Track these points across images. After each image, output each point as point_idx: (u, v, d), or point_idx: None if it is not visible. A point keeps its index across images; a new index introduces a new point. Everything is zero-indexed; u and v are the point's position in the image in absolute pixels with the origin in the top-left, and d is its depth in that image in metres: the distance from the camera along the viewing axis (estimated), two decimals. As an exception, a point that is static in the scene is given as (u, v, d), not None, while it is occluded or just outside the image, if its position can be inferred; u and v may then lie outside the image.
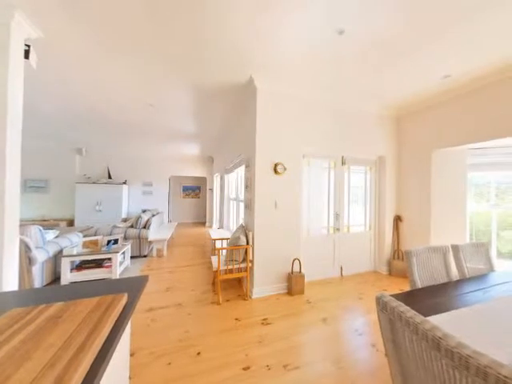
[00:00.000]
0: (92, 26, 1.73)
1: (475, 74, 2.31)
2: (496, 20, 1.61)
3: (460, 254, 1.67)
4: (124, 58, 2.13)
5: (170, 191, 8.37)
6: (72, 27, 1.74)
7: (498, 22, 1.62)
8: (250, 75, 2.40)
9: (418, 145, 3.13)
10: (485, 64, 2.14)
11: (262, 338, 1.80)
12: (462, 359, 0.52)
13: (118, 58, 2.13)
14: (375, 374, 1.45)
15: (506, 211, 2.78)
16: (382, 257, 3.34)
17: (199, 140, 5.38)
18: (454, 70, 2.26)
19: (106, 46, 1.95)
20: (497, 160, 2.72)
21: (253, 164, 2.60)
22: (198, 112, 3.53)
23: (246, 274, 2.48)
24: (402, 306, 0.70)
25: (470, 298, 1.18)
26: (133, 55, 2.08)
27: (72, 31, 1.79)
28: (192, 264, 3.67)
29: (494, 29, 1.69)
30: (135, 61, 2.17)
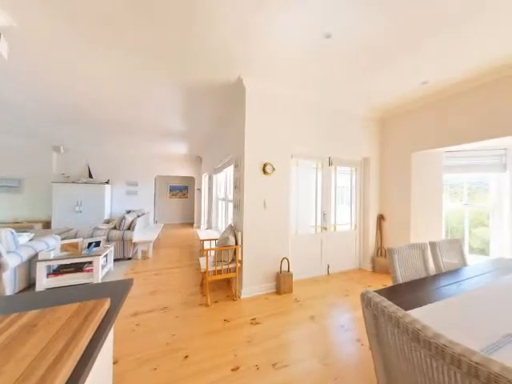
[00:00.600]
0: (70, 16, 1.63)
1: (451, 81, 2.47)
2: (469, 32, 1.73)
3: (437, 250, 1.78)
4: (106, 51, 2.03)
5: (156, 191, 8.13)
6: (49, 17, 1.64)
7: (471, 34, 1.74)
8: (238, 75, 2.40)
9: (400, 147, 3.29)
10: (460, 72, 2.29)
11: (250, 337, 1.80)
12: (439, 349, 0.55)
13: (98, 50, 2.03)
14: (360, 368, 1.51)
15: (476, 209, 3.00)
16: (367, 254, 3.48)
17: (187, 139, 5.28)
18: (431, 77, 2.40)
19: (86, 37, 1.86)
20: (469, 162, 2.93)
21: (242, 164, 2.59)
22: (186, 110, 3.46)
23: (235, 274, 2.47)
24: (385, 301, 0.73)
25: (445, 291, 1.26)
26: (115, 48, 2.00)
27: (49, 21, 1.68)
28: (179, 266, 3.59)
29: (468, 40, 1.82)
30: (118, 54, 2.08)
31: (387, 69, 2.25)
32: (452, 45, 1.88)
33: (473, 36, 1.77)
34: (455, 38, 1.80)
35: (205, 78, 2.47)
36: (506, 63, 2.12)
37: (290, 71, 2.33)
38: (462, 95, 2.57)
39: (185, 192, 8.84)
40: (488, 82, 2.34)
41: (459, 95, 2.59)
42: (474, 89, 2.46)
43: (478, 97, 2.44)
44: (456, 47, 1.91)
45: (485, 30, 1.71)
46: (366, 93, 2.80)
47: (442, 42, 1.84)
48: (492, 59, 2.07)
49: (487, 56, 2.02)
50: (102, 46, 1.96)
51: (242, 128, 2.61)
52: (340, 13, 1.56)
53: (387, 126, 3.51)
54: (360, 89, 2.69)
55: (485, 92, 2.38)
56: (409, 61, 2.11)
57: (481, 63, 2.13)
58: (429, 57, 2.04)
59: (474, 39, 1.81)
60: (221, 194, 4.80)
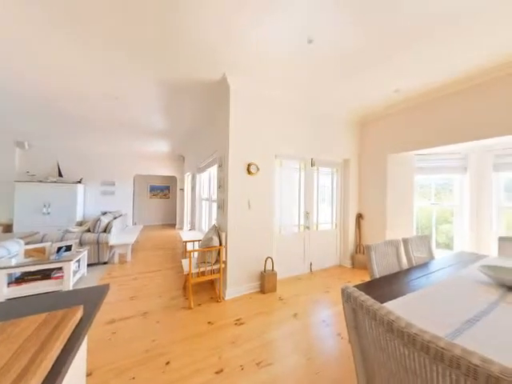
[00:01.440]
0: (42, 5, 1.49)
1: (420, 90, 2.68)
2: (437, 46, 1.89)
3: (409, 245, 1.92)
4: (80, 42, 1.89)
5: (136, 191, 7.75)
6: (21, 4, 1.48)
7: (439, 47, 1.90)
8: (223, 73, 2.37)
9: (376, 149, 3.49)
10: (428, 82, 2.50)
11: (235, 338, 1.79)
12: (410, 337, 0.59)
13: (72, 40, 1.88)
14: (340, 360, 1.57)
15: (442, 208, 3.29)
16: (347, 251, 3.64)
17: (169, 137, 5.10)
18: (403, 86, 2.59)
19: (57, 26, 1.71)
20: (436, 165, 3.20)
21: (226, 164, 2.57)
22: (168, 108, 3.34)
23: (219, 275, 2.44)
24: (363, 295, 0.77)
25: (416, 284, 1.37)
26: (92, 41, 1.86)
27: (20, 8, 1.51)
28: (160, 269, 3.46)
29: (436, 52, 1.98)
30: (94, 46, 1.95)
31: (364, 76, 2.38)
32: (422, 57, 2.04)
33: (440, 50, 1.94)
34: (425, 51, 1.95)
35: (187, 75, 2.40)
36: (466, 76, 2.35)
37: (274, 72, 2.36)
38: (428, 103, 2.80)
39: (166, 192, 8.53)
40: (451, 93, 2.58)
41: (427, 103, 2.82)
42: (439, 98, 2.69)
43: (441, 105, 2.68)
44: (426, 59, 2.07)
45: (449, 46, 1.88)
46: (346, 98, 2.93)
47: (413, 53, 1.98)
48: (454, 72, 2.28)
49: (451, 69, 2.23)
50: (76, 38, 1.82)
51: (226, 127, 2.58)
52: (321, 19, 1.61)
53: (365, 129, 3.70)
54: (340, 94, 2.81)
55: (447, 101, 2.62)
56: (383, 70, 2.25)
57: (445, 75, 2.34)
58: (401, 67, 2.20)
59: (442, 53, 1.98)
60: (204, 193, 4.71)
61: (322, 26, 1.68)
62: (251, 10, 1.54)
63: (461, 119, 2.52)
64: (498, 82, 2.24)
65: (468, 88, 2.45)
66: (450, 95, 2.60)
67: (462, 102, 2.51)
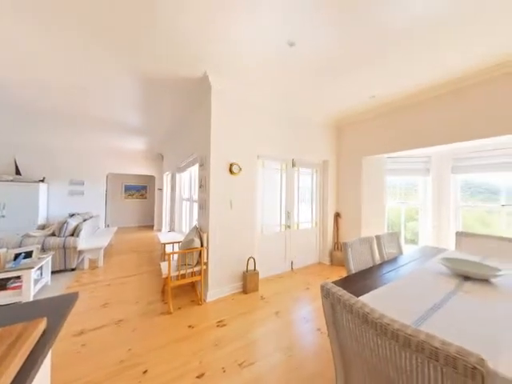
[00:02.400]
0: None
1: (394, 97, 2.90)
2: (410, 55, 2.05)
3: (381, 242, 2.07)
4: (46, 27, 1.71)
5: (109, 191, 7.23)
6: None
7: (412, 56, 2.07)
8: (204, 71, 2.32)
9: (352, 152, 3.70)
10: (401, 89, 2.70)
11: (217, 341, 1.77)
12: (382, 327, 0.64)
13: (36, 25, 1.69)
14: (319, 354, 1.63)
15: (409, 207, 3.59)
16: (325, 249, 3.79)
17: (147, 135, 4.84)
18: (378, 92, 2.77)
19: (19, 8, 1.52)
20: (404, 167, 3.49)
21: (207, 163, 2.52)
22: (145, 103, 3.17)
23: (200, 277, 2.38)
24: (341, 290, 0.81)
25: (387, 277, 1.48)
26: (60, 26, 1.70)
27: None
28: (136, 273, 3.27)
29: (410, 61, 2.14)
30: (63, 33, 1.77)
31: (342, 82, 2.50)
32: (396, 65, 2.20)
33: (410, 61, 2.11)
34: (398, 60, 2.11)
35: (167, 70, 2.31)
36: (430, 87, 2.60)
37: (256, 74, 2.37)
38: (399, 110, 3.04)
39: (143, 192, 8.10)
40: (417, 102, 2.83)
41: (397, 110, 3.06)
42: (408, 106, 2.94)
43: (410, 113, 2.93)
44: (399, 68, 2.24)
45: (417, 58, 2.06)
46: (324, 102, 3.05)
47: (388, 61, 2.13)
48: (420, 83, 2.50)
49: (417, 80, 2.44)
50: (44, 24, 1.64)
51: (207, 126, 2.53)
52: (302, 24, 1.66)
53: (343, 132, 3.90)
54: (319, 97, 2.92)
55: (415, 109, 2.87)
56: (360, 76, 2.39)
57: (413, 86, 2.56)
58: (377, 74, 2.35)
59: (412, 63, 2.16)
60: (185, 194, 4.56)
61: (303, 30, 1.73)
62: (231, 10, 1.53)
63: (425, 126, 2.78)
64: (455, 96, 2.51)
65: (431, 98, 2.70)
66: (416, 104, 2.85)
67: (427, 111, 2.76)
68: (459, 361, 0.51)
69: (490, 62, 2.09)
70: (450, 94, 2.54)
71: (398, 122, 3.06)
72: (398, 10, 1.52)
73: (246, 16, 1.59)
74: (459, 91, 2.47)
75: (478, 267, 1.49)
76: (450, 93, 2.54)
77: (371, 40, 1.82)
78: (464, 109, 2.44)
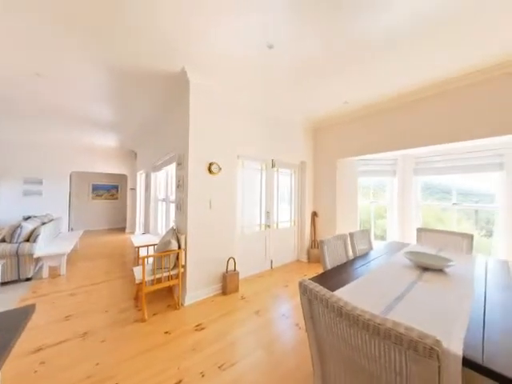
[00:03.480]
0: None
1: (365, 103, 3.10)
2: (380, 65, 2.22)
3: (354, 239, 2.21)
4: None
5: (73, 191, 6.59)
6: None
7: (386, 64, 2.23)
8: (182, 66, 2.24)
9: (328, 154, 3.88)
10: (371, 97, 2.90)
11: (195, 345, 1.72)
12: (355, 318, 0.68)
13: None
14: (298, 348, 1.69)
15: (378, 206, 3.89)
16: (303, 247, 3.93)
17: (118, 130, 4.51)
18: (351, 98, 2.95)
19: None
20: (373, 169, 3.77)
21: (186, 162, 2.43)
22: (117, 97, 2.95)
23: (178, 280, 2.29)
24: (318, 286, 0.85)
25: (359, 271, 1.58)
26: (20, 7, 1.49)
27: None
28: (106, 280, 3.03)
29: (383, 69, 2.31)
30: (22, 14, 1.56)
31: (318, 86, 2.61)
32: (367, 74, 2.36)
33: (381, 70, 2.28)
34: (369, 70, 2.27)
35: (141, 63, 2.18)
36: (398, 95, 2.84)
37: (236, 73, 2.36)
38: (369, 116, 3.28)
39: (114, 192, 7.53)
40: (385, 108, 3.08)
41: (368, 116, 3.29)
42: (376, 112, 3.18)
43: (378, 119, 3.17)
44: (370, 77, 2.41)
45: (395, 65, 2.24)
46: (302, 104, 3.16)
47: (360, 70, 2.28)
48: (390, 91, 2.73)
49: (389, 87, 2.66)
50: None
51: (186, 124, 2.45)
52: (281, 28, 1.69)
53: (319, 134, 4.07)
54: (297, 100, 3.01)
55: (383, 116, 3.12)
56: (335, 82, 2.52)
57: (385, 92, 2.78)
58: (350, 81, 2.50)
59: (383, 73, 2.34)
60: (161, 194, 4.35)
61: (281, 34, 1.77)
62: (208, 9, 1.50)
63: (393, 131, 3.03)
64: (418, 104, 2.78)
65: (398, 106, 2.96)
66: (385, 110, 3.10)
67: (393, 117, 3.02)
68: (420, 344, 0.57)
69: (453, 74, 2.34)
70: (414, 102, 2.81)
71: (369, 127, 3.30)
72: (372, 22, 1.64)
73: (226, 16, 1.57)
74: (422, 100, 2.75)
75: (435, 259, 1.67)
76: (413, 102, 2.81)
77: (344, 48, 1.93)
78: (426, 116, 2.73)
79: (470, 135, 2.39)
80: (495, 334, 0.88)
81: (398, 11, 1.53)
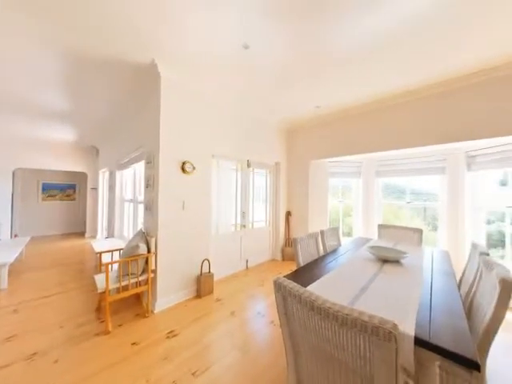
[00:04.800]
0: None
1: (335, 108, 3.31)
2: (355, 70, 2.38)
3: (324, 236, 2.34)
4: None
5: (17, 191, 5.68)
6: None
7: (357, 71, 2.39)
8: (152, 59, 2.10)
9: (301, 155, 4.05)
10: (341, 103, 3.11)
11: (167, 353, 1.63)
12: (325, 311, 0.72)
13: None
14: (273, 345, 1.72)
15: (346, 205, 4.20)
16: (278, 246, 4.02)
17: (76, 123, 4.02)
18: (322, 103, 3.12)
19: None
20: (341, 170, 4.05)
21: (156, 160, 2.29)
22: (74, 84, 2.62)
23: (147, 286, 2.14)
24: (291, 283, 0.88)
25: (329, 267, 1.68)
26: None
27: None
28: (59, 292, 2.68)
29: (355, 76, 2.47)
30: None
31: (291, 90, 2.70)
32: (338, 81, 2.52)
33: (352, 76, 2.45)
34: (340, 77, 2.43)
35: (105, 50, 1.98)
36: (363, 103, 3.10)
37: (212, 71, 2.30)
38: (338, 121, 3.51)
39: (70, 192, 6.70)
40: (352, 115, 3.34)
41: (337, 120, 3.53)
42: (344, 118, 3.43)
43: (345, 123, 3.42)
44: (341, 82, 2.56)
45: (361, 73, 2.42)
46: (276, 106, 3.23)
47: (332, 77, 2.42)
48: (363, 97, 2.96)
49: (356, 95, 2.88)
50: None
51: (156, 120, 2.31)
52: (257, 28, 1.71)
53: (293, 136, 4.22)
54: (272, 102, 3.07)
55: (349, 121, 3.38)
56: (307, 87, 2.63)
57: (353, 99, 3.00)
58: (321, 87, 2.64)
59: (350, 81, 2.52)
60: (128, 194, 4.02)
61: (257, 35, 1.78)
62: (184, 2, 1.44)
63: (357, 136, 3.30)
64: (382, 112, 3.08)
65: (363, 113, 3.24)
66: (352, 117, 3.35)
67: (359, 124, 3.29)
68: (380, 329, 0.63)
69: (406, 88, 2.65)
70: (376, 111, 3.10)
71: (338, 132, 3.53)
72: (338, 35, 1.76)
73: (202, 11, 1.52)
74: (383, 110, 3.04)
75: (392, 252, 1.87)
76: (376, 110, 3.10)
77: (316, 56, 2.03)
78: (386, 124, 3.03)
79: (420, 142, 2.73)
80: (439, 314, 1.02)
81: (361, 27, 1.67)
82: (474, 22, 1.62)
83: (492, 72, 2.21)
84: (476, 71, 2.26)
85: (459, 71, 2.27)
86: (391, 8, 1.50)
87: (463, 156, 2.89)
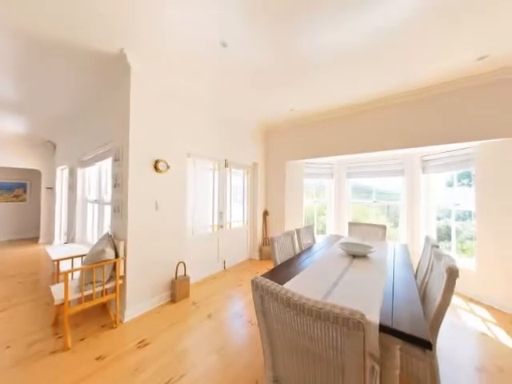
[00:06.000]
0: None
1: (308, 112, 3.45)
2: (326, 78, 2.49)
3: (300, 234, 2.43)
4: None
5: None
6: None
7: (329, 79, 2.50)
8: (121, 48, 1.94)
9: (278, 156, 4.14)
10: (315, 106, 3.24)
11: (138, 365, 1.52)
12: (300, 306, 0.75)
13: None
14: (250, 344, 1.73)
15: (320, 204, 4.41)
16: (255, 245, 4.05)
17: (28, 114, 3.51)
18: (297, 106, 3.23)
19: None
20: (316, 171, 4.24)
21: (125, 158, 2.13)
22: (26, 70, 2.28)
23: (115, 294, 1.98)
24: (268, 281, 0.89)
25: (305, 264, 1.75)
26: None
27: None
28: (5, 308, 2.32)
29: (327, 82, 2.59)
30: None
31: (267, 91, 2.74)
32: (311, 86, 2.62)
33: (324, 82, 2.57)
34: (312, 81, 2.53)
35: (64, 34, 1.76)
36: (336, 108, 3.29)
37: (188, 66, 2.21)
38: (312, 124, 3.68)
39: (20, 192, 5.86)
40: (330, 118, 3.52)
41: (313, 123, 3.69)
42: (319, 121, 3.60)
43: (320, 127, 3.60)
44: (313, 87, 2.68)
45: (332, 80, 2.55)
46: (253, 107, 3.25)
47: (306, 81, 2.51)
48: (335, 102, 3.12)
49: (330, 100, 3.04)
50: None
51: (125, 114, 2.14)
52: (235, 26, 1.70)
53: (270, 137, 4.29)
54: (249, 102, 3.08)
55: (323, 124, 3.56)
56: (283, 90, 2.70)
57: (326, 103, 3.16)
58: (295, 91, 2.73)
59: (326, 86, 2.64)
60: (92, 194, 3.65)
61: (235, 33, 1.77)
62: None
63: (329, 139, 3.49)
64: (352, 117, 3.30)
65: (335, 118, 3.43)
66: (324, 121, 3.54)
67: (331, 127, 3.48)
68: (350, 320, 0.67)
69: (377, 96, 2.88)
70: (348, 116, 3.32)
71: (312, 134, 3.70)
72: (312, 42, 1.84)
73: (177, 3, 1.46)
74: (353, 115, 3.27)
75: (361, 247, 2.02)
76: (348, 116, 3.31)
77: (290, 59, 2.09)
78: (355, 129, 3.26)
79: (386, 147, 3.00)
80: (399, 302, 1.13)
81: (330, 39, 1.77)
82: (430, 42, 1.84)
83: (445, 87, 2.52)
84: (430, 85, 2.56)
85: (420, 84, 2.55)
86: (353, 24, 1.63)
87: (419, 160, 3.26)
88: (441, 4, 1.47)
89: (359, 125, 3.21)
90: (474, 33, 1.74)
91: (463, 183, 2.93)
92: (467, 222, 2.87)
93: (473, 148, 2.59)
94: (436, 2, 1.46)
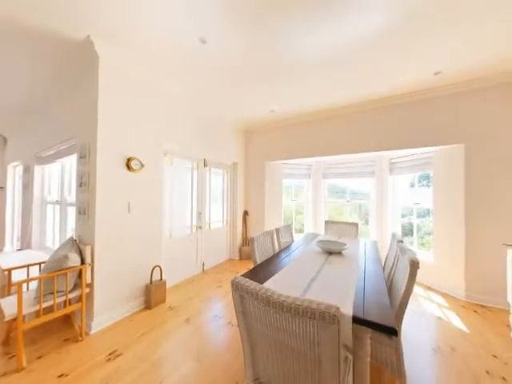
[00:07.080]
0: None
1: (288, 115, 3.53)
2: (303, 82, 2.56)
3: (279, 233, 2.47)
4: None
5: None
6: None
7: (307, 83, 2.57)
8: (87, 35, 1.78)
9: (258, 156, 4.17)
10: (294, 109, 3.33)
11: (107, 379, 1.41)
12: (280, 304, 0.77)
13: None
14: (230, 346, 1.71)
15: (298, 203, 4.55)
16: (235, 246, 4.03)
17: (-34, 100, 3.03)
18: (276, 108, 3.29)
19: None
20: (294, 172, 4.36)
21: (93, 155, 1.95)
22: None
23: (81, 304, 1.80)
24: (248, 281, 0.89)
25: (284, 262, 1.79)
26: None
27: None
28: None
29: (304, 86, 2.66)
30: None
31: (247, 92, 2.75)
32: (290, 88, 2.68)
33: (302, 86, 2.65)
34: (289, 85, 2.60)
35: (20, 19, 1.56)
36: (312, 111, 3.42)
37: (165, 60, 2.11)
38: (293, 126, 3.77)
39: (-41, 192, 5.00)
40: (308, 121, 3.63)
41: (292, 125, 3.78)
42: (300, 123, 3.71)
43: (298, 129, 3.71)
44: (291, 91, 2.75)
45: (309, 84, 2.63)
46: (233, 106, 3.23)
47: (283, 85, 2.57)
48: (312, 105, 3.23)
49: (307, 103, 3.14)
50: None
51: (93, 107, 1.96)
52: (213, 22, 1.67)
53: (250, 137, 4.30)
54: (229, 102, 3.05)
55: (302, 127, 3.68)
56: (262, 91, 2.72)
57: (304, 106, 3.26)
58: (274, 93, 2.78)
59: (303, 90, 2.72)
60: (52, 194, 3.28)
61: (214, 30, 1.74)
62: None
63: (307, 141, 3.62)
64: (328, 121, 3.45)
65: (312, 120, 3.57)
66: (303, 123, 3.66)
67: (308, 130, 3.61)
68: (326, 314, 0.70)
69: (352, 102, 3.05)
70: (324, 119, 3.47)
71: (291, 136, 3.80)
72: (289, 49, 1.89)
73: None
74: (329, 119, 3.43)
75: (336, 244, 2.13)
76: (324, 118, 3.47)
77: (268, 61, 2.12)
78: (331, 132, 3.42)
79: (356, 149, 3.21)
80: (370, 294, 1.21)
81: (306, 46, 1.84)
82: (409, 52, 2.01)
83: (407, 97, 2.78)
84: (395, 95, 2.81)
85: (385, 94, 2.77)
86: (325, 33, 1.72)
87: (387, 162, 3.54)
88: (403, 24, 1.63)
89: (335, 128, 3.39)
90: (430, 52, 1.96)
91: (423, 184, 3.26)
92: (426, 218, 3.20)
93: (433, 152, 2.90)
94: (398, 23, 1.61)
